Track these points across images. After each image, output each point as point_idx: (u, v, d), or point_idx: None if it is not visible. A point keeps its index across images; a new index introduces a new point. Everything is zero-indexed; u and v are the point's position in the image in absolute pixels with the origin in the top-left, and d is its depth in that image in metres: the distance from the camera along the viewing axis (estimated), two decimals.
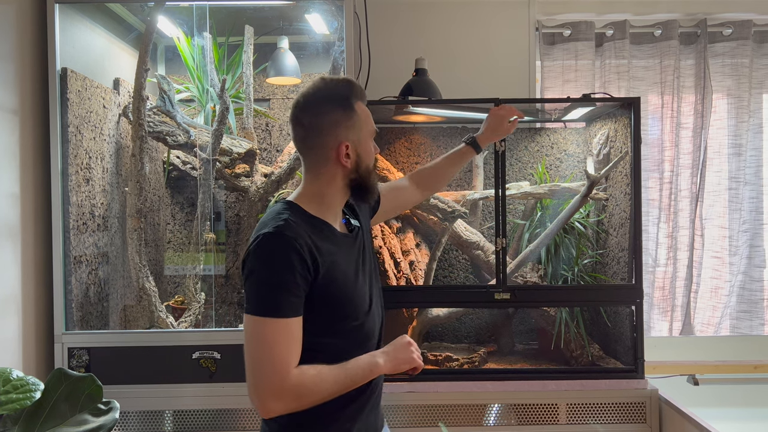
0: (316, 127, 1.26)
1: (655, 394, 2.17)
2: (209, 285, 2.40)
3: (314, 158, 1.29)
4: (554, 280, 2.37)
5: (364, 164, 1.30)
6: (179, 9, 2.41)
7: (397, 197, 1.67)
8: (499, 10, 2.83)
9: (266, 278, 1.17)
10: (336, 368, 1.22)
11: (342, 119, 1.26)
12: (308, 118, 1.26)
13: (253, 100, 2.57)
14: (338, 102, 1.27)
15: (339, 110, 1.26)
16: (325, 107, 1.26)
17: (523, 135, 2.69)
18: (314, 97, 1.28)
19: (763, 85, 2.93)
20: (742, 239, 2.91)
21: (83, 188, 2.25)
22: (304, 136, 1.28)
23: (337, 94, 1.28)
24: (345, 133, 1.27)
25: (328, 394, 1.20)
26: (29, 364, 2.09)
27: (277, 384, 1.14)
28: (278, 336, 1.15)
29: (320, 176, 1.29)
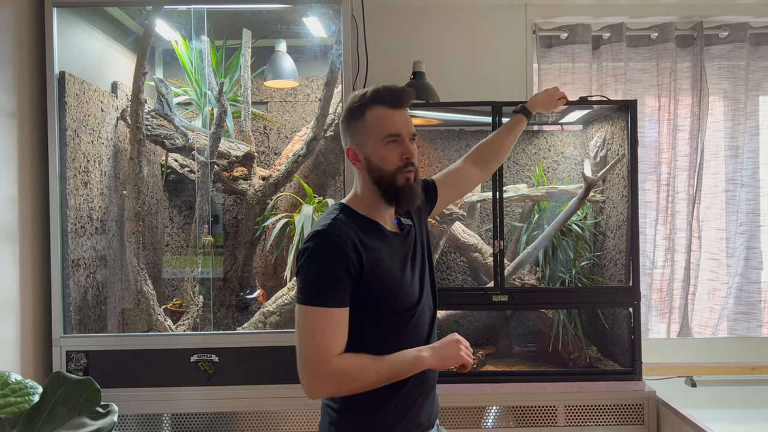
0: (341, 134, 1.40)
1: (653, 396, 2.17)
2: (207, 288, 2.40)
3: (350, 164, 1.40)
4: (552, 282, 2.38)
5: (376, 167, 1.34)
6: (177, 13, 2.41)
7: (457, 181, 1.70)
8: (496, 14, 2.84)
9: (313, 272, 1.26)
10: (380, 359, 1.28)
11: (350, 126, 1.37)
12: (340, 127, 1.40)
13: (250, 103, 2.57)
14: (348, 111, 1.37)
15: (348, 119, 1.37)
16: (343, 117, 1.39)
17: (521, 138, 2.69)
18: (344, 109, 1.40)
19: (759, 88, 2.95)
20: (739, 241, 2.92)
21: (81, 191, 2.25)
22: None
23: (350, 103, 1.37)
24: (351, 139, 1.37)
25: (371, 383, 1.27)
26: (27, 367, 2.09)
27: (318, 367, 1.24)
28: (321, 324, 1.24)
29: (357, 179, 1.40)
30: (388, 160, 1.34)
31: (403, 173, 1.34)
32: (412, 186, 1.36)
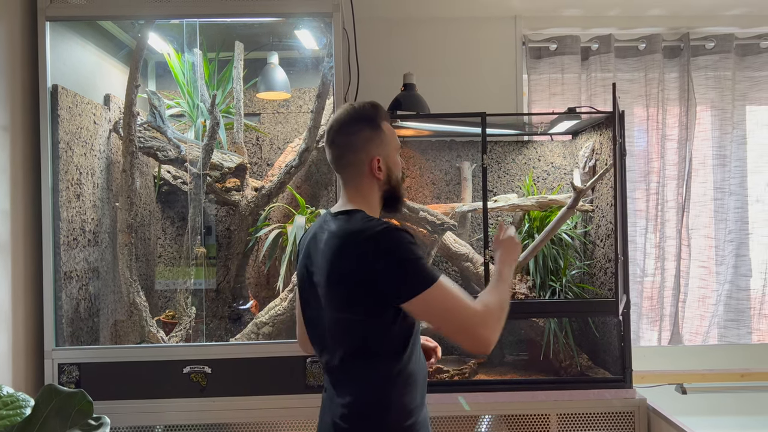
0: (350, 146, 1.40)
1: (644, 404, 2.19)
2: (200, 299, 2.40)
3: (351, 174, 1.41)
4: (543, 290, 2.39)
5: (394, 176, 1.43)
6: (169, 26, 2.43)
7: None
8: (485, 26, 2.88)
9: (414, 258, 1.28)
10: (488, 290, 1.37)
11: (372, 137, 1.40)
12: (342, 139, 1.40)
13: (243, 114, 2.59)
14: (367, 122, 1.40)
15: (368, 129, 1.40)
16: (356, 127, 1.40)
17: (511, 148, 2.72)
18: (346, 120, 1.40)
19: (745, 98, 2.99)
20: (728, 249, 2.95)
21: (74, 204, 2.26)
22: (339, 155, 1.41)
23: (365, 115, 1.41)
24: (376, 149, 1.40)
25: (503, 308, 1.34)
26: (19, 380, 2.08)
27: (478, 318, 1.28)
28: (451, 291, 1.28)
29: (361, 190, 1.41)
30: (399, 169, 1.45)
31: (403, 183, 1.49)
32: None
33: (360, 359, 1.34)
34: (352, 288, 1.30)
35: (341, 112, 1.42)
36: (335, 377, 1.39)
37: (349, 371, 1.36)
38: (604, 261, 2.41)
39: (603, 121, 2.42)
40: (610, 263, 2.36)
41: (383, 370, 1.33)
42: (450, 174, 2.71)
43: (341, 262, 1.31)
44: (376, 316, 1.30)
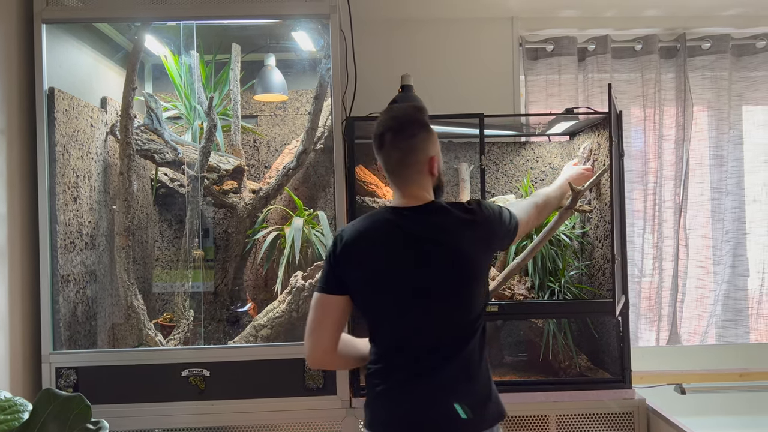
0: (414, 148, 1.49)
1: (643, 404, 2.19)
2: (198, 302, 2.39)
3: (413, 173, 1.50)
4: (541, 291, 2.39)
5: (441, 173, 1.56)
6: (166, 28, 2.43)
7: None
8: (482, 27, 2.88)
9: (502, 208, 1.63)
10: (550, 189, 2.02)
11: (428, 138, 1.51)
12: (405, 142, 1.48)
13: (240, 117, 2.59)
14: (423, 125, 1.50)
15: (425, 131, 1.50)
16: (416, 130, 1.49)
17: (508, 149, 2.72)
18: (405, 124, 1.49)
19: (742, 98, 3.00)
20: (725, 249, 2.96)
21: (71, 207, 2.25)
22: (402, 157, 1.49)
23: (421, 118, 1.51)
24: (432, 149, 1.51)
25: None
26: (17, 384, 2.07)
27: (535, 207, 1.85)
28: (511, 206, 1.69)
29: (423, 186, 1.51)
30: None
31: None
32: None
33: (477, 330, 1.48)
34: (484, 258, 1.52)
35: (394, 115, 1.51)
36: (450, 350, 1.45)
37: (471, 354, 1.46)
38: (602, 261, 2.41)
39: (600, 122, 2.42)
40: (608, 264, 2.36)
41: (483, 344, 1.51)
42: (448, 175, 2.70)
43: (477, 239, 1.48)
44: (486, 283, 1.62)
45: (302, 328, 2.33)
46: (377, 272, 1.46)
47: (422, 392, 1.43)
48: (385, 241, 1.46)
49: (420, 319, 1.45)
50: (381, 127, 1.50)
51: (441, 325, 1.45)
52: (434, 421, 1.42)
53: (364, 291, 1.47)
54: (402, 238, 1.45)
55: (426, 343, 1.45)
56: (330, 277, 1.49)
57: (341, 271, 1.47)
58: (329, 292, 1.48)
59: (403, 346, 1.46)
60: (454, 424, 1.41)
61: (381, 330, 1.50)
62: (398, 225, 1.46)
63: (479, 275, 1.50)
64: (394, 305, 1.46)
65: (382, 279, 1.46)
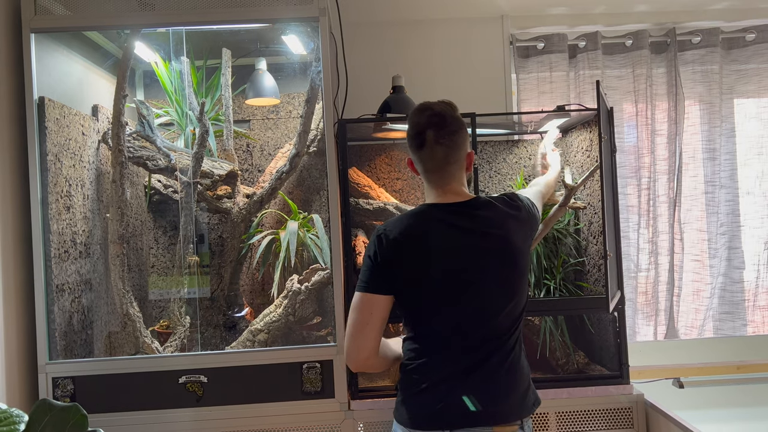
0: (456, 144, 1.50)
1: (641, 399, 2.19)
2: (194, 308, 2.39)
3: (456, 169, 1.52)
4: (537, 289, 2.39)
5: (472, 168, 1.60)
6: (156, 34, 2.42)
7: None
8: (472, 26, 2.88)
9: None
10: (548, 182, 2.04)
11: (466, 134, 1.53)
12: (447, 138, 1.48)
13: (232, 121, 2.58)
14: (460, 123, 1.52)
15: (463, 129, 1.52)
16: (456, 126, 1.50)
17: (501, 147, 2.72)
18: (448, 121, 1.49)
19: (733, 91, 3.01)
20: (720, 242, 2.96)
21: (64, 216, 2.24)
22: (447, 154, 1.49)
23: (458, 116, 1.52)
24: (468, 145, 1.55)
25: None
26: (13, 395, 2.06)
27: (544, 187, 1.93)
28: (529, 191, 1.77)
29: (462, 181, 1.55)
30: None
31: None
32: None
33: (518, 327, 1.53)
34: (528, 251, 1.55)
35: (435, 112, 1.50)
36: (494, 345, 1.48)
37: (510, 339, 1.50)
38: (597, 258, 2.42)
39: (592, 119, 2.42)
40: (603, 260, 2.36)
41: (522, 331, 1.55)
42: None
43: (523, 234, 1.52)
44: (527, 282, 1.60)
45: (299, 332, 2.34)
46: (429, 268, 1.44)
47: (473, 384, 1.45)
48: (436, 236, 1.45)
49: (471, 313, 1.45)
50: (420, 126, 1.49)
51: (492, 319, 1.46)
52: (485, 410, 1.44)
53: (413, 287, 1.46)
54: (453, 233, 1.45)
55: (476, 336, 1.46)
56: (375, 275, 1.46)
57: (388, 268, 1.45)
58: (375, 291, 1.46)
59: (451, 340, 1.46)
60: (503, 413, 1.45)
61: (427, 325, 1.49)
62: (447, 220, 1.46)
63: (527, 268, 1.55)
64: (445, 300, 1.45)
65: (433, 274, 1.45)
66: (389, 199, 2.51)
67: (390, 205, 2.44)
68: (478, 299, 1.46)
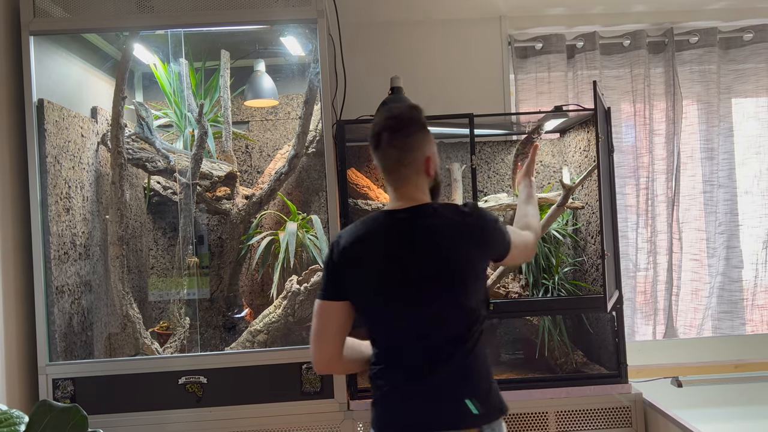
0: (409, 146, 1.48)
1: (639, 398, 2.19)
2: (194, 309, 2.39)
3: (410, 173, 1.49)
4: (536, 289, 2.40)
5: (437, 173, 1.55)
6: (155, 36, 2.43)
7: None
8: (471, 27, 2.89)
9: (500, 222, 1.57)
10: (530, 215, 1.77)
11: (425, 137, 1.50)
12: (400, 141, 1.48)
13: (231, 123, 2.59)
14: (420, 124, 1.50)
15: (421, 130, 1.50)
16: (412, 129, 1.49)
17: (500, 148, 2.73)
18: (403, 123, 1.49)
19: (730, 90, 3.01)
20: (719, 241, 2.97)
21: (63, 218, 2.25)
22: (399, 156, 1.48)
23: (417, 118, 1.50)
24: (428, 148, 1.51)
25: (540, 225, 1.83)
26: (13, 396, 2.07)
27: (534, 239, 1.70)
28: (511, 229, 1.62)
29: (419, 186, 1.50)
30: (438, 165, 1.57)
31: None
32: None
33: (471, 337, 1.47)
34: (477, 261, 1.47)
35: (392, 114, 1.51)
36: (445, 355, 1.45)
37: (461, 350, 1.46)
38: (595, 257, 2.42)
39: (590, 119, 2.43)
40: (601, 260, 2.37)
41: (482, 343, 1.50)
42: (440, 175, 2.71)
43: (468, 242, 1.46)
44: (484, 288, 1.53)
45: (298, 332, 2.35)
46: (374, 275, 1.46)
47: (424, 391, 1.44)
48: (379, 242, 1.47)
49: (416, 320, 1.46)
50: (378, 126, 1.49)
51: (437, 325, 1.46)
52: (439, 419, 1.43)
53: (362, 294, 1.48)
54: (396, 240, 1.46)
55: (424, 343, 1.46)
56: (329, 283, 1.49)
57: (340, 276, 1.48)
58: (330, 298, 1.48)
59: (403, 347, 1.47)
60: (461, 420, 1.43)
61: (380, 331, 1.51)
62: (393, 227, 1.47)
63: (470, 277, 1.47)
64: (391, 307, 1.47)
65: (378, 281, 1.46)
66: (388, 200, 2.52)
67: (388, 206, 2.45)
68: (421, 307, 1.45)
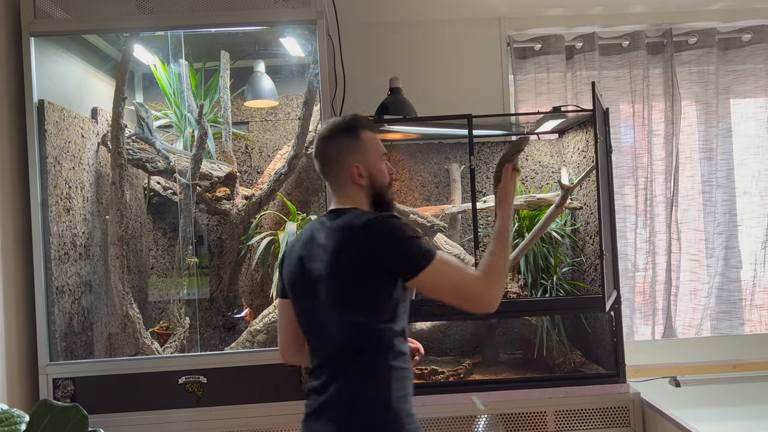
0: (330, 155, 1.49)
1: (638, 398, 2.20)
2: (194, 309, 2.40)
3: (336, 181, 1.50)
4: (534, 289, 2.41)
5: (378, 182, 1.49)
6: (155, 37, 2.44)
7: None
8: (470, 28, 2.89)
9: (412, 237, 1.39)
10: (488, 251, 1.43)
11: (349, 145, 1.47)
12: (323, 150, 1.50)
13: (231, 123, 2.59)
14: (344, 132, 1.48)
15: (345, 139, 1.48)
16: (334, 138, 1.48)
17: (499, 149, 2.74)
18: (326, 132, 1.50)
19: (729, 91, 3.02)
20: (717, 241, 2.97)
21: (64, 218, 2.26)
22: (321, 165, 1.51)
23: (342, 126, 1.49)
24: (354, 156, 1.47)
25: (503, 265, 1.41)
26: (14, 396, 2.08)
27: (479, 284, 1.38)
28: (451, 261, 1.39)
29: (349, 195, 1.48)
30: (384, 175, 1.51)
31: (391, 187, 1.54)
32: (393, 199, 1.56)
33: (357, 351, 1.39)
34: (361, 269, 1.38)
35: (324, 125, 1.52)
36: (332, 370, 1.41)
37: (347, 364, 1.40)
38: (594, 258, 2.43)
39: (589, 119, 2.44)
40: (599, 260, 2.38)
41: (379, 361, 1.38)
42: (439, 176, 2.72)
43: (347, 250, 1.39)
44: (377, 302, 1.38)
45: None
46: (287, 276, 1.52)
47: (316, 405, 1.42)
48: (298, 245, 1.50)
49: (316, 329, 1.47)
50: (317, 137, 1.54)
51: (320, 336, 1.45)
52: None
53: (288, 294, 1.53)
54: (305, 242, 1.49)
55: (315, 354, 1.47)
56: (279, 281, 1.57)
57: (280, 274, 1.56)
58: (279, 295, 1.58)
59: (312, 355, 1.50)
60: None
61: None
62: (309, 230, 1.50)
63: (349, 283, 1.38)
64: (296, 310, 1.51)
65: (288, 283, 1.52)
66: None
67: None
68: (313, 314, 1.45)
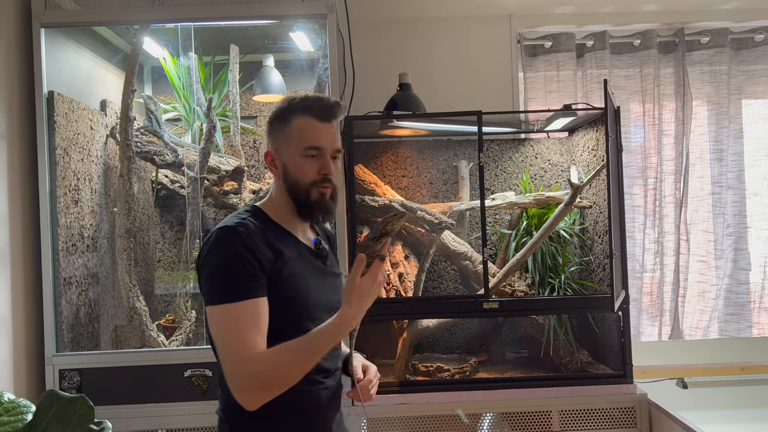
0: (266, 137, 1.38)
1: (644, 399, 2.19)
2: (200, 303, 2.40)
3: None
4: (542, 288, 2.40)
5: (292, 177, 1.31)
6: (164, 30, 2.43)
7: None
8: (480, 24, 2.88)
9: (223, 267, 1.21)
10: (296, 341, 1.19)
11: (273, 130, 1.34)
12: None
13: (239, 117, 2.59)
14: (275, 114, 1.34)
15: (273, 121, 1.35)
16: (269, 119, 1.36)
17: (508, 146, 2.73)
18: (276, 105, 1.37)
19: (741, 91, 2.99)
20: (726, 243, 2.95)
21: (72, 210, 2.26)
22: None
23: (278, 107, 1.34)
24: (273, 141, 1.34)
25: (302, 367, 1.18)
26: (21, 386, 2.09)
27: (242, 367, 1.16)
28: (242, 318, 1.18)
29: (274, 185, 1.38)
30: (304, 172, 1.30)
31: (318, 188, 1.31)
32: (327, 202, 1.32)
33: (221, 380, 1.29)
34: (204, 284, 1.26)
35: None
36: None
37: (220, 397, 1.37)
38: (602, 257, 2.42)
39: (599, 118, 2.42)
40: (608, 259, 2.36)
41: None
42: (447, 173, 2.71)
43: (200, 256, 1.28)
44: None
45: None
46: None
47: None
48: None
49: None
50: None
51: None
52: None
53: None
54: None
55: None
56: None
57: None
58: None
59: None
60: None
61: None
62: None
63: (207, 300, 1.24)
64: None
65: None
66: (395, 197, 2.52)
67: (395, 203, 2.45)
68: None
